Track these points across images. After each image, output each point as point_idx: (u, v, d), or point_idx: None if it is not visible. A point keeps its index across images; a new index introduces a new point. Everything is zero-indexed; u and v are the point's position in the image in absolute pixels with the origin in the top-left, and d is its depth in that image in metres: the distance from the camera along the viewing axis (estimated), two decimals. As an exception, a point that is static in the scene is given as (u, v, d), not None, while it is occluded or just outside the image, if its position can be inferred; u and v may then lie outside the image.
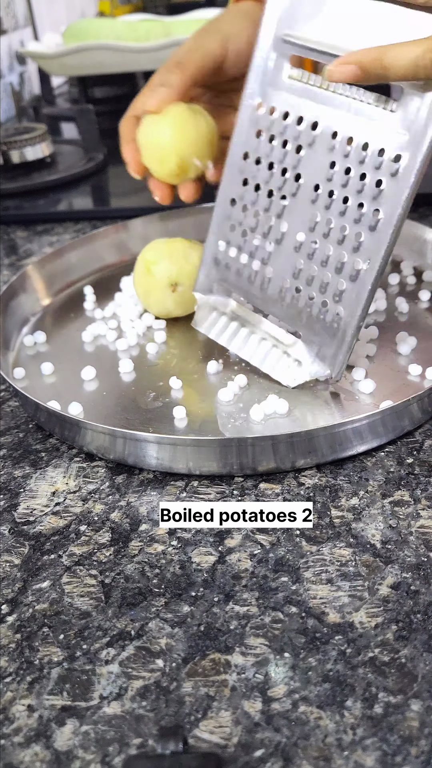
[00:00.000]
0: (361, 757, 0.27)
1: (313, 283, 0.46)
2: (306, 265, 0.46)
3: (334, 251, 0.45)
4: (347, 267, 0.44)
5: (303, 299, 0.46)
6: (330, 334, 0.45)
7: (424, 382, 0.47)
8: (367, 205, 0.43)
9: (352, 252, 0.44)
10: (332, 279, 0.45)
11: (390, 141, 0.42)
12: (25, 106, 1.23)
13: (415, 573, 0.35)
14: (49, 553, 0.38)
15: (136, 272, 0.56)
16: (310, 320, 0.46)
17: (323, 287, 0.45)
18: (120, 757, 0.28)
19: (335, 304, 0.45)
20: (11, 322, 0.57)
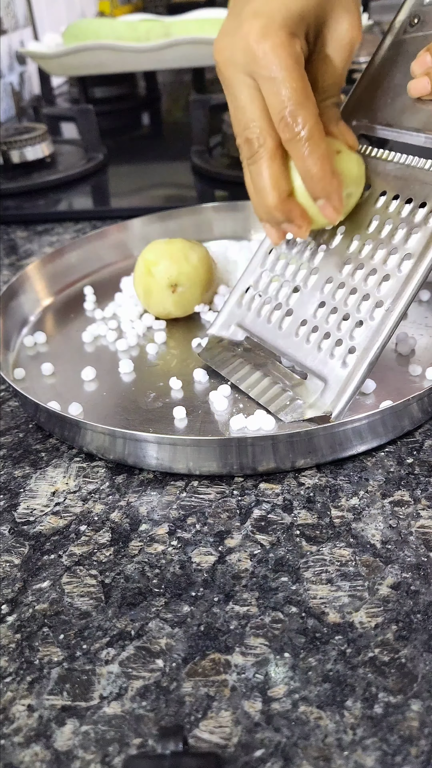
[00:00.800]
0: (361, 757, 0.28)
1: (332, 322, 0.46)
2: (328, 305, 0.47)
3: (359, 292, 0.45)
4: (368, 307, 0.44)
5: (319, 336, 0.46)
6: (339, 373, 0.44)
7: (424, 382, 0.47)
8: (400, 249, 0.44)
9: (375, 294, 0.44)
10: (351, 318, 0.45)
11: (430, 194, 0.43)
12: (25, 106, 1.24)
13: (415, 573, 0.35)
14: (49, 553, 0.38)
15: (137, 272, 0.57)
16: (323, 358, 0.45)
17: (341, 326, 0.45)
18: (120, 757, 0.28)
19: (350, 341, 0.44)
20: (11, 323, 0.57)
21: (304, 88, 0.41)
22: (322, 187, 0.42)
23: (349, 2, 0.43)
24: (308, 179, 0.42)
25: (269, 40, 0.40)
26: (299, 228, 0.44)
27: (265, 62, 0.40)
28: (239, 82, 0.42)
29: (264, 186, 0.43)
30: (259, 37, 0.40)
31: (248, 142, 0.43)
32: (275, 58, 0.40)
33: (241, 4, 0.42)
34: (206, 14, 1.24)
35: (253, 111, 0.42)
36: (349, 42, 0.43)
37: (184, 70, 1.48)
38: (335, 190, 0.42)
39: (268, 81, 0.40)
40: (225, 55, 0.42)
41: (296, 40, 0.41)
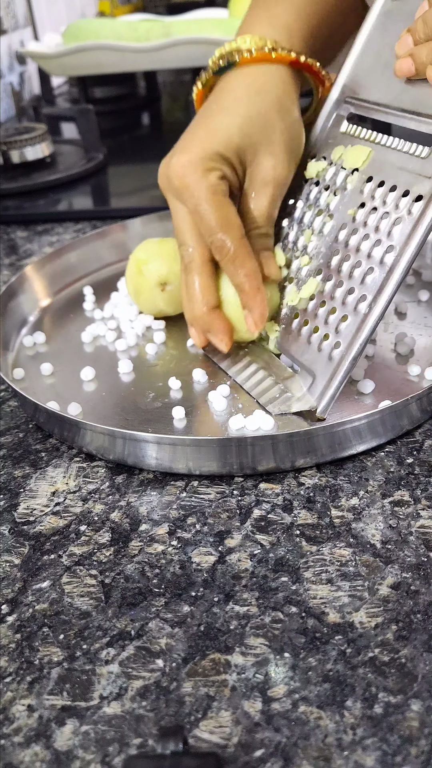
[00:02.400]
0: (361, 757, 0.28)
1: (320, 315, 0.46)
2: (318, 297, 0.47)
3: (346, 284, 0.45)
4: (352, 300, 0.44)
5: (309, 330, 0.47)
6: (326, 367, 0.44)
7: (423, 382, 0.47)
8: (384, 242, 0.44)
9: (359, 286, 0.44)
10: (338, 311, 0.45)
11: (416, 184, 0.43)
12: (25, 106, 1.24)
13: (415, 573, 0.35)
14: (49, 553, 0.38)
15: (128, 271, 0.57)
16: (313, 352, 0.46)
17: (328, 319, 0.46)
18: (120, 757, 0.28)
19: (336, 335, 0.44)
20: (11, 323, 0.57)
21: (225, 214, 0.46)
22: (247, 300, 0.47)
23: (275, 144, 0.47)
24: (239, 292, 0.47)
25: (189, 176, 0.46)
26: (220, 340, 0.48)
27: (188, 195, 0.46)
28: (174, 206, 0.48)
29: (192, 295, 0.48)
30: (181, 172, 0.46)
31: (182, 256, 0.48)
32: (195, 191, 0.46)
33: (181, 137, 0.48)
34: (206, 14, 1.24)
35: (184, 232, 0.48)
36: (270, 182, 0.48)
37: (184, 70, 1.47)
38: (258, 305, 0.46)
39: (193, 212, 0.46)
40: (163, 182, 0.49)
41: (212, 174, 0.46)
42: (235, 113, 0.47)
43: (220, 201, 0.46)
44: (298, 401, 0.45)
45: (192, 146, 0.46)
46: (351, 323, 0.44)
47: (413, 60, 0.43)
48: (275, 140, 0.47)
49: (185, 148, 0.47)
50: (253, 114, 0.47)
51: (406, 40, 0.44)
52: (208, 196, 0.45)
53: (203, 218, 0.46)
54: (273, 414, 0.45)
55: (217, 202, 0.46)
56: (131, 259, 0.57)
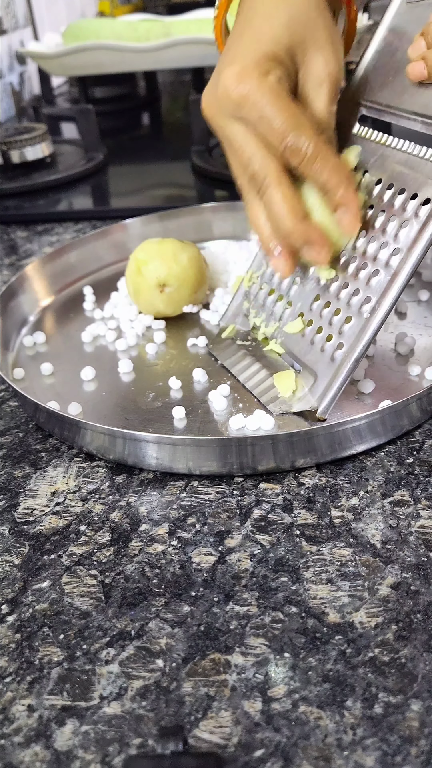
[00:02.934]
0: (361, 757, 0.28)
1: (324, 316, 0.46)
2: (323, 298, 0.47)
3: (351, 286, 0.45)
4: (356, 302, 0.44)
5: (312, 331, 0.47)
6: (328, 368, 0.44)
7: (423, 382, 0.47)
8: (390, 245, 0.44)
9: (364, 288, 0.44)
10: (342, 313, 0.45)
11: (424, 187, 0.43)
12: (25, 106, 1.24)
13: (415, 573, 0.35)
14: (49, 553, 0.38)
15: (128, 271, 0.57)
16: (315, 353, 0.46)
17: (332, 320, 0.45)
18: (120, 757, 0.28)
19: (339, 336, 0.44)
20: (11, 323, 0.57)
21: (294, 113, 0.42)
22: (341, 195, 0.43)
23: (323, 40, 0.44)
24: (327, 192, 0.43)
25: (246, 84, 0.42)
26: (319, 249, 0.44)
27: (249, 104, 0.42)
28: (231, 128, 0.44)
29: (279, 211, 0.43)
30: (236, 83, 0.42)
31: (252, 177, 0.43)
32: (257, 98, 0.42)
33: (221, 59, 0.44)
34: (206, 14, 1.24)
35: (249, 148, 0.43)
36: (326, 78, 0.44)
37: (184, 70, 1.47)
38: (352, 199, 0.43)
39: (259, 120, 0.42)
40: (212, 108, 0.45)
41: (270, 75, 0.42)
42: (276, 14, 0.44)
43: (287, 102, 0.42)
44: (299, 401, 0.45)
45: (241, 55, 0.43)
46: (354, 325, 0.44)
47: (426, 63, 0.43)
48: (321, 36, 0.44)
49: (234, 59, 0.43)
50: (295, 13, 0.44)
51: (419, 43, 0.43)
52: (272, 99, 0.42)
53: (272, 123, 0.42)
54: (274, 413, 0.45)
55: (283, 103, 0.42)
56: (131, 259, 0.57)
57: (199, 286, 0.57)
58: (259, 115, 0.42)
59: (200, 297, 0.58)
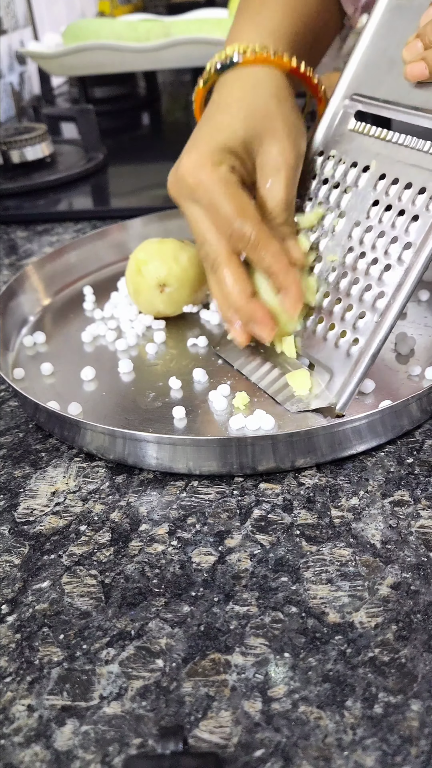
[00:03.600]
0: (361, 757, 0.28)
1: (336, 313, 0.46)
2: (333, 294, 0.47)
3: (362, 282, 0.45)
4: (370, 297, 0.44)
5: (325, 328, 0.47)
6: (344, 363, 0.45)
7: (423, 382, 0.47)
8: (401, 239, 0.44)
9: (377, 283, 0.44)
10: (355, 308, 0.45)
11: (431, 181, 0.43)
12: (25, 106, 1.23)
13: (415, 573, 0.35)
14: (49, 553, 0.38)
15: (128, 271, 0.57)
16: (329, 349, 0.46)
17: (345, 316, 0.46)
18: (120, 757, 0.28)
19: (353, 332, 0.45)
20: (11, 323, 0.57)
21: (240, 203, 0.45)
22: (281, 281, 0.46)
23: (279, 131, 0.47)
24: (270, 276, 0.46)
25: (199, 172, 0.46)
26: (262, 328, 0.46)
27: (201, 191, 0.46)
28: (189, 209, 0.48)
29: (228, 288, 0.46)
30: (191, 171, 0.46)
31: (206, 257, 0.47)
32: (208, 186, 0.45)
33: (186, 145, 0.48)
34: (206, 14, 1.24)
35: (203, 230, 0.47)
36: (282, 166, 0.47)
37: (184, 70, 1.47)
38: (293, 283, 0.46)
39: (208, 206, 0.46)
40: (174, 189, 0.48)
41: (222, 165, 0.46)
42: (236, 108, 0.47)
43: (234, 191, 0.46)
44: (316, 398, 0.45)
45: (199, 145, 0.47)
46: (369, 320, 0.44)
47: (426, 63, 0.44)
48: (278, 127, 0.47)
49: (192, 148, 0.47)
50: (253, 107, 0.47)
51: (416, 45, 0.44)
52: (220, 188, 0.45)
53: (219, 210, 0.45)
54: (292, 411, 0.45)
55: (230, 193, 0.45)
56: (131, 259, 0.57)
57: (199, 286, 0.57)
58: (209, 201, 0.46)
59: (200, 297, 0.58)
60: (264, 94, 0.48)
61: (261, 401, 0.47)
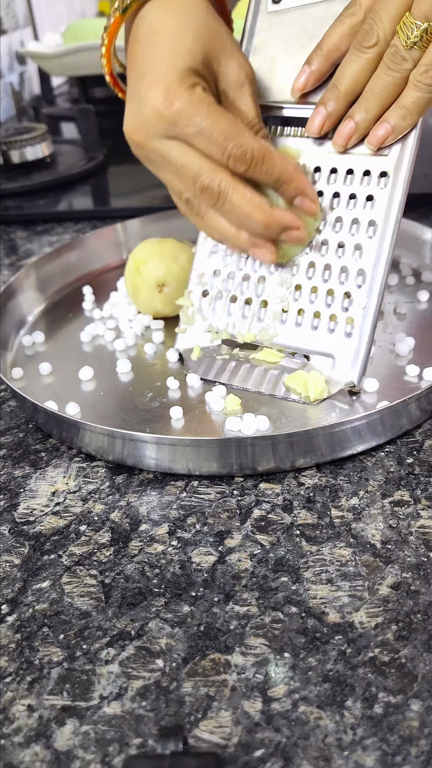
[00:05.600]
0: (361, 757, 0.28)
1: (317, 301, 0.47)
2: (306, 284, 0.47)
3: (335, 267, 0.46)
4: (350, 278, 0.46)
5: (308, 319, 0.47)
6: (346, 344, 0.45)
7: (421, 383, 0.47)
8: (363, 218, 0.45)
9: (353, 263, 0.45)
10: (338, 292, 0.46)
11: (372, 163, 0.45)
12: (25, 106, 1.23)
13: (415, 573, 0.35)
14: (49, 553, 0.38)
15: (127, 271, 0.57)
16: (323, 336, 0.46)
17: (328, 301, 0.46)
18: (120, 757, 0.28)
19: (344, 312, 0.46)
20: (9, 322, 0.57)
21: (230, 121, 0.43)
22: (295, 186, 0.45)
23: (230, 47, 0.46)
24: (281, 186, 0.44)
25: (176, 101, 0.42)
26: (298, 228, 0.45)
27: (184, 120, 0.42)
28: (167, 148, 0.44)
29: (247, 210, 0.43)
30: (166, 102, 0.42)
31: (206, 189, 0.44)
32: (190, 112, 0.42)
33: (135, 85, 0.44)
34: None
35: (193, 163, 0.43)
36: (245, 79, 0.46)
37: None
38: (307, 185, 0.45)
39: (197, 134, 0.42)
40: (139, 133, 0.44)
41: (197, 87, 0.43)
42: (183, 32, 0.44)
43: (219, 111, 0.43)
44: (328, 384, 0.45)
45: (161, 74, 0.43)
46: (357, 297, 0.45)
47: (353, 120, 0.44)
48: (228, 43, 0.46)
49: (154, 80, 0.43)
50: (199, 27, 0.45)
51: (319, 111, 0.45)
52: (205, 111, 0.42)
53: (211, 132, 0.42)
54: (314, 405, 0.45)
55: (216, 114, 0.43)
56: (130, 259, 0.57)
57: None
58: (196, 129, 0.42)
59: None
60: (200, 14, 0.45)
61: (256, 402, 0.47)
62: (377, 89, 0.43)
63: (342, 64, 0.44)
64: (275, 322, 0.48)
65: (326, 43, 0.44)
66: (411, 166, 0.44)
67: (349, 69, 0.43)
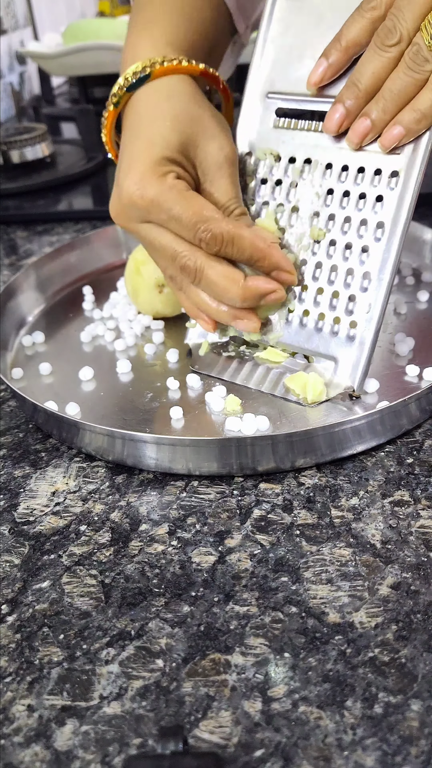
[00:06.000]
0: (361, 757, 0.28)
1: (322, 302, 0.47)
2: (312, 286, 0.47)
3: (342, 268, 0.46)
4: (356, 280, 0.45)
5: (313, 320, 0.47)
6: (348, 347, 0.45)
7: (421, 383, 0.47)
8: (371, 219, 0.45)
9: (359, 266, 0.45)
10: (343, 294, 0.46)
11: (384, 162, 0.44)
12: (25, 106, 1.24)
13: (415, 573, 0.35)
14: (49, 553, 0.38)
15: (127, 271, 0.57)
16: (327, 338, 0.46)
17: (333, 303, 0.46)
18: (120, 757, 0.28)
19: (348, 316, 0.45)
20: (9, 323, 0.57)
21: (198, 206, 0.44)
22: (268, 263, 0.45)
23: (211, 129, 0.47)
24: (254, 265, 0.45)
25: (147, 189, 0.44)
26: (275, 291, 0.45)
27: (155, 208, 0.44)
28: (146, 231, 0.46)
29: (224, 286, 0.45)
30: (139, 191, 0.44)
31: (184, 267, 0.45)
32: (161, 200, 0.44)
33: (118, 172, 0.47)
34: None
35: (171, 244, 0.45)
36: (223, 161, 0.47)
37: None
38: (281, 259, 0.45)
39: (169, 220, 0.44)
40: (121, 217, 0.47)
41: (168, 176, 0.45)
42: (161, 118, 0.46)
43: (187, 196, 0.44)
44: (328, 387, 0.45)
45: (136, 162, 0.45)
46: (362, 300, 0.45)
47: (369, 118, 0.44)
48: (208, 125, 0.47)
49: (129, 167, 0.45)
50: (177, 114, 0.46)
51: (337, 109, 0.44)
52: (174, 197, 0.44)
53: (181, 219, 0.44)
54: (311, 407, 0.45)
55: (185, 198, 0.44)
56: (130, 259, 0.57)
57: None
58: (167, 216, 0.44)
59: None
60: (183, 100, 0.47)
61: (256, 402, 0.47)
62: (396, 89, 0.42)
63: (362, 60, 0.43)
64: (281, 322, 0.48)
65: (345, 36, 0.44)
66: (423, 167, 0.43)
67: (370, 67, 0.43)
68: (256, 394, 0.47)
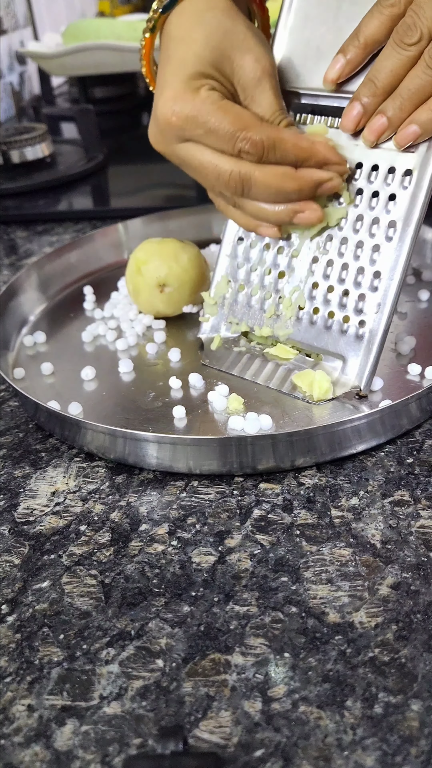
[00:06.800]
0: (361, 757, 0.27)
1: (332, 300, 0.47)
2: (322, 284, 0.47)
3: (353, 266, 0.46)
4: (366, 279, 0.45)
5: (322, 318, 0.47)
6: (356, 347, 0.45)
7: (423, 382, 0.47)
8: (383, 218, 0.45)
9: (370, 265, 0.45)
10: (353, 292, 0.46)
11: (397, 160, 0.44)
12: (25, 106, 1.23)
13: (415, 573, 0.35)
14: (49, 553, 0.38)
15: (128, 271, 0.57)
16: (336, 336, 0.46)
17: (343, 301, 0.46)
18: (120, 757, 0.28)
19: (358, 315, 0.45)
20: (11, 322, 0.57)
21: (235, 114, 0.43)
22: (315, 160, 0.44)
23: (247, 43, 0.45)
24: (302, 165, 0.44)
25: (181, 105, 0.43)
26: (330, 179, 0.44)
27: (191, 123, 0.43)
28: (185, 151, 0.45)
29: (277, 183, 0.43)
30: (174, 109, 0.43)
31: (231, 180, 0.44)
32: (196, 114, 0.43)
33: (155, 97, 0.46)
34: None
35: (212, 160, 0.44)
36: (262, 74, 0.45)
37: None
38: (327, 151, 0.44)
39: (206, 134, 0.43)
40: (159, 142, 0.46)
41: (201, 90, 0.43)
42: (192, 36, 0.45)
43: (222, 105, 0.43)
44: (336, 386, 0.45)
45: (169, 82, 0.44)
46: (371, 300, 0.45)
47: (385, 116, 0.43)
48: (243, 40, 0.45)
49: (162, 90, 0.44)
50: (210, 28, 0.45)
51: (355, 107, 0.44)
52: (210, 110, 0.43)
53: (218, 131, 0.42)
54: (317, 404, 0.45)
55: (220, 108, 0.43)
56: (131, 259, 0.57)
57: (199, 287, 0.57)
58: (204, 129, 0.43)
59: (200, 297, 0.58)
60: (216, 15, 0.46)
61: (258, 401, 0.47)
62: (413, 87, 0.42)
63: (380, 58, 0.43)
64: (291, 319, 0.48)
65: (363, 32, 0.43)
66: None
67: (388, 65, 0.42)
68: (259, 393, 0.47)
